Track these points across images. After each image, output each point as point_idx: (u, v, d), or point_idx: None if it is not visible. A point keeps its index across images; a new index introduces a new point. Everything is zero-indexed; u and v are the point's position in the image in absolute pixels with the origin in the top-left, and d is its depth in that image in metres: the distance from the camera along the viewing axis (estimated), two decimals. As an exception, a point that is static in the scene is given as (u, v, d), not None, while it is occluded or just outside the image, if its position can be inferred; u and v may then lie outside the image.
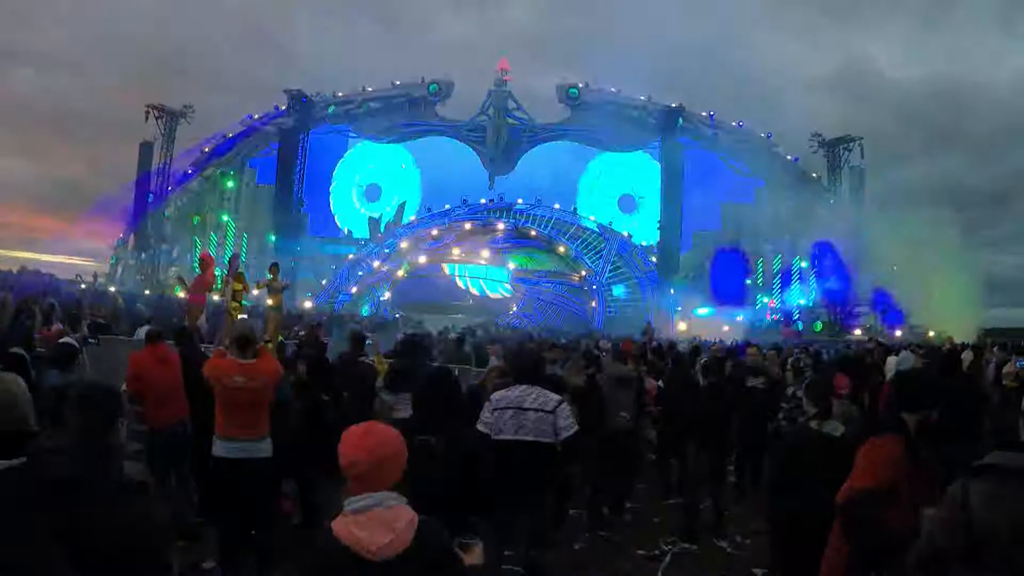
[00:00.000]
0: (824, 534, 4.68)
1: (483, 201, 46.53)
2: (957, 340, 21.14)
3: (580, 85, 45.79)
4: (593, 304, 40.86)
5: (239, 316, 13.94)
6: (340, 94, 46.56)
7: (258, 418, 6.50)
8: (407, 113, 46.68)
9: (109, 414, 3.21)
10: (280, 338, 13.61)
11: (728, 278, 42.81)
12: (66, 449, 3.03)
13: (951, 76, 64.51)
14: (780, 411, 9.26)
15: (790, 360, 13.76)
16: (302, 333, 15.70)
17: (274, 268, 15.81)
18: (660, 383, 11.13)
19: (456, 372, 7.64)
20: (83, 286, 37.20)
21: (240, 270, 15.59)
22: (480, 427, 5.72)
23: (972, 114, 64.38)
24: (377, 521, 2.68)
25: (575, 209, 47.89)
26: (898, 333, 36.59)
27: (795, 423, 8.11)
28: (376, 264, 44.18)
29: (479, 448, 4.71)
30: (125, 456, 3.15)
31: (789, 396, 9.24)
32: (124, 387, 7.77)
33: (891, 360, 12.79)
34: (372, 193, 49.14)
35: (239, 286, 14.67)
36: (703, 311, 40.19)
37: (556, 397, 6.03)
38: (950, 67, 68.68)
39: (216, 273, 14.76)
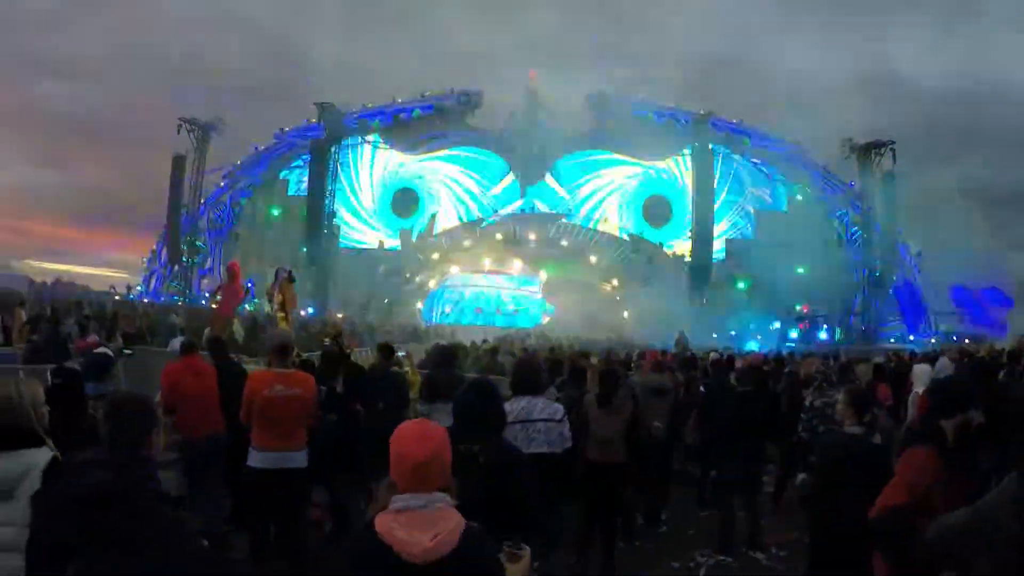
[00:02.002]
0: (866, 547, 4.61)
1: (514, 211, 46.52)
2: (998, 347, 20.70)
3: (609, 94, 45.72)
4: (625, 314, 40.68)
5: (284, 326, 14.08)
6: (370, 105, 46.79)
7: (295, 428, 6.52)
8: (437, 124, 46.79)
9: (140, 426, 3.22)
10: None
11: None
12: (100, 461, 3.06)
13: (976, 77, 63.66)
14: (799, 422, 9.09)
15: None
16: (327, 342, 15.77)
17: (290, 275, 15.96)
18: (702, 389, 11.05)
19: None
20: (116, 297, 37.72)
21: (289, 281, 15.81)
22: None
23: (997, 115, 63.54)
24: (421, 522, 2.61)
25: (606, 218, 47.80)
26: (932, 340, 36.18)
27: (816, 434, 8.00)
28: (408, 275, 44.31)
29: (519, 459, 4.67)
30: (160, 466, 3.17)
31: (807, 407, 9.06)
32: (158, 398, 7.85)
33: (920, 368, 12.42)
34: (404, 204, 49.27)
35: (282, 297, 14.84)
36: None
37: (560, 407, 6.08)
38: (975, 68, 67.82)
39: (244, 284, 14.86)
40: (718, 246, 44.56)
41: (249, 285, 15.19)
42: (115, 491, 2.86)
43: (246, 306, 15.44)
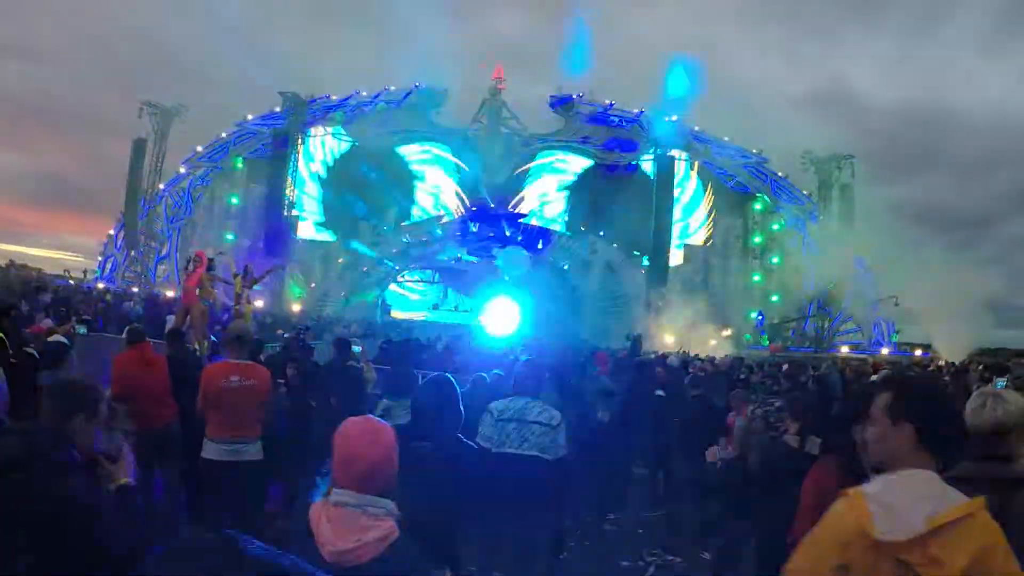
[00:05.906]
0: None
1: (475, 209, 46.44)
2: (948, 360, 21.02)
3: (574, 96, 45.86)
4: (582, 315, 40.76)
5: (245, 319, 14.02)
6: (334, 97, 46.43)
7: (250, 419, 6.50)
8: (401, 119, 46.58)
9: (61, 406, 3.27)
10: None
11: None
12: (9, 431, 3.14)
13: (932, 99, 65.13)
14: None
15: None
16: (286, 335, 15.70)
17: (248, 267, 15.96)
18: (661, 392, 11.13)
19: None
20: (71, 282, 37.14)
21: (254, 275, 15.75)
22: (481, 441, 5.53)
23: (953, 137, 64.98)
24: (351, 523, 2.50)
25: (566, 219, 47.95)
26: (884, 351, 36.68)
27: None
28: (366, 269, 44.08)
29: (472, 457, 4.69)
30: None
31: (750, 414, 9.19)
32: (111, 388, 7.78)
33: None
34: (364, 198, 48.87)
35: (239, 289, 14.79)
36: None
37: (558, 413, 5.89)
38: (931, 90, 69.34)
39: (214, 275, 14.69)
40: (676, 252, 44.99)
41: (225, 275, 14.98)
42: (14, 457, 2.92)
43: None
